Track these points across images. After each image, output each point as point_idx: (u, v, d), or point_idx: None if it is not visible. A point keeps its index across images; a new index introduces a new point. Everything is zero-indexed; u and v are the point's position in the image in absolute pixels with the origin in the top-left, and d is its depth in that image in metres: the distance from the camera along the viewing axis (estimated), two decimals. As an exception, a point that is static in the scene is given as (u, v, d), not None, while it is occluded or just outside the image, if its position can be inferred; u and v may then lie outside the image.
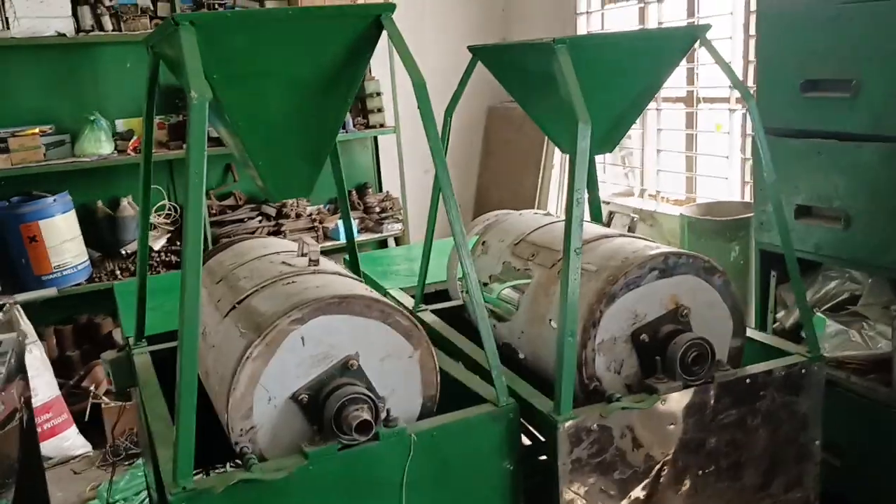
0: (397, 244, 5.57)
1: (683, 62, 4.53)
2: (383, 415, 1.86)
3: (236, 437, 1.80)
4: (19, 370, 2.97)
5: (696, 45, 2.29)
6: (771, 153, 2.32)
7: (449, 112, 2.67)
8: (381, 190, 5.70)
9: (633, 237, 2.36)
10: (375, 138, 5.65)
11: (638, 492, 2.04)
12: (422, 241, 2.91)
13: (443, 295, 3.06)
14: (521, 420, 2.04)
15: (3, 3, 4.13)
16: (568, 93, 1.96)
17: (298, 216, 5.18)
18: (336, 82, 2.02)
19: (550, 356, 2.09)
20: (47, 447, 4.18)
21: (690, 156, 4.71)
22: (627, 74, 2.24)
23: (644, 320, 2.10)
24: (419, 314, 2.85)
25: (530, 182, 5.57)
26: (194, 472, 1.69)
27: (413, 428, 1.88)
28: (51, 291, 3.60)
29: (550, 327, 2.17)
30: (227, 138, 2.16)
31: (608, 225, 2.61)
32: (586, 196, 2.10)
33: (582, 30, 5.33)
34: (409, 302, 2.97)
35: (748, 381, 2.10)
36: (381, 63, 5.40)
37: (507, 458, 1.97)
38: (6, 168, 4.33)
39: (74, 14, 4.41)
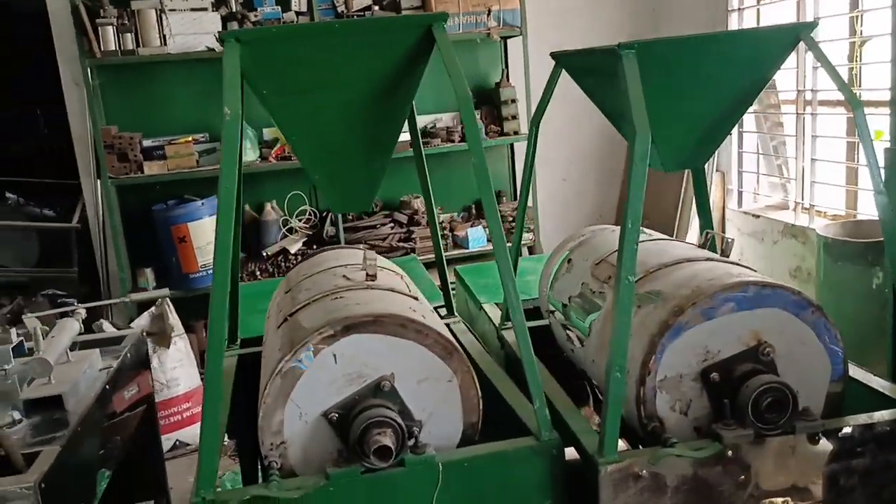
0: (530, 254, 5.45)
1: (843, 61, 4.05)
2: (412, 441, 1.79)
3: (266, 451, 1.81)
4: (139, 364, 3.20)
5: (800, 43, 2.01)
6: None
7: (535, 122, 2.54)
8: (515, 198, 5.60)
9: (722, 262, 2.11)
10: (511, 146, 5.56)
11: (694, 551, 1.81)
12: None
13: (537, 312, 2.92)
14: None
15: (160, 22, 4.53)
16: (629, 100, 1.78)
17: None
18: (389, 94, 1.98)
19: (617, 389, 1.91)
20: (186, 434, 4.50)
21: (853, 167, 4.18)
22: (713, 81, 2.00)
23: (717, 357, 1.86)
24: (504, 331, 2.74)
25: (673, 192, 5.22)
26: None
27: (442, 457, 1.79)
28: (163, 292, 3.89)
29: (617, 357, 1.99)
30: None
31: (703, 247, 2.34)
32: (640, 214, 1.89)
33: (734, 26, 4.91)
34: (499, 318, 2.87)
35: (840, 434, 1.80)
36: (517, 67, 5.31)
37: (547, 497, 1.83)
38: (163, 173, 4.74)
39: (224, 29, 4.74)
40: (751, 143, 5.06)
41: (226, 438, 4.68)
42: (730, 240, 2.20)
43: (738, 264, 2.11)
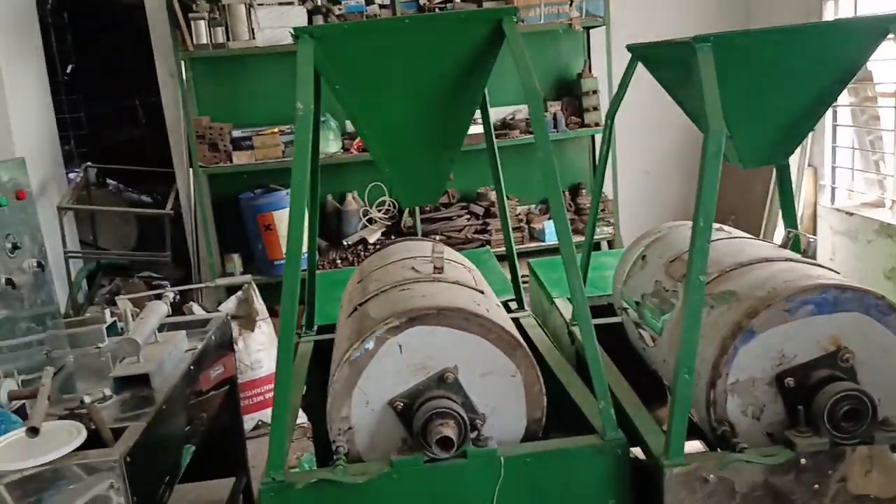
0: (610, 248, 5.36)
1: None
2: (475, 433, 1.80)
3: (334, 435, 1.86)
4: (223, 346, 3.34)
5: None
6: None
7: (610, 115, 2.50)
8: (596, 191, 5.53)
9: (802, 263, 2.03)
10: (592, 137, 5.48)
11: (763, 560, 1.75)
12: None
13: (610, 309, 2.88)
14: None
15: (249, 16, 4.67)
16: (702, 95, 1.73)
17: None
18: (459, 88, 1.99)
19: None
20: (268, 415, 4.63)
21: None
22: (795, 75, 1.92)
23: (792, 362, 1.80)
24: (574, 328, 2.71)
25: (762, 188, 5.02)
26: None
27: (505, 451, 1.80)
28: (246, 278, 4.02)
29: (688, 357, 1.94)
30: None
31: (785, 247, 2.26)
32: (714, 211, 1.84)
33: (829, 15, 4.67)
34: (570, 313, 2.85)
35: (924, 448, 1.71)
36: (599, 57, 5.22)
37: (612, 496, 1.81)
38: (250, 163, 4.91)
39: (310, 22, 4.85)
40: (845, 137, 4.82)
41: (305, 419, 4.85)
42: (812, 240, 2.11)
43: (819, 265, 2.02)
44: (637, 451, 1.89)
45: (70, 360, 2.77)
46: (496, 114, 5.04)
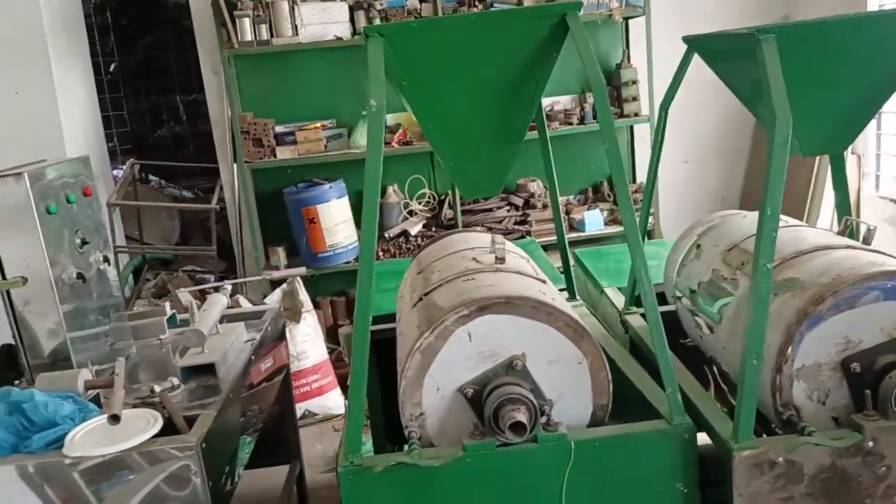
0: (649, 237, 5.37)
1: None
2: (544, 419, 1.85)
3: (406, 421, 1.92)
4: (277, 337, 3.42)
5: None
6: None
7: (664, 107, 2.53)
8: (634, 181, 5.53)
9: (863, 250, 2.05)
10: (631, 127, 5.48)
11: (832, 542, 1.79)
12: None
13: (660, 298, 2.91)
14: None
15: (292, 13, 4.75)
16: (768, 87, 1.76)
17: (545, 207, 5.24)
18: (522, 83, 2.03)
19: (749, 376, 1.91)
20: (314, 405, 4.75)
21: None
22: (857, 64, 1.93)
23: (858, 347, 1.82)
24: (627, 316, 2.75)
25: (804, 176, 5.00)
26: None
27: (574, 435, 1.85)
28: (300, 270, 4.10)
29: (750, 345, 1.97)
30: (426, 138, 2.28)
31: (842, 234, 2.28)
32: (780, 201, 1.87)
33: (874, 6, 4.63)
34: (622, 302, 2.88)
35: None
36: (639, 48, 5.22)
37: (680, 480, 1.86)
38: (293, 158, 4.99)
39: (351, 19, 4.92)
40: (890, 124, 4.78)
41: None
42: (872, 227, 2.13)
43: (880, 252, 2.04)
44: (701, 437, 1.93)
45: (133, 352, 2.87)
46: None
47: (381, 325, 2.88)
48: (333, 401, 4.88)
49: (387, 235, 5.22)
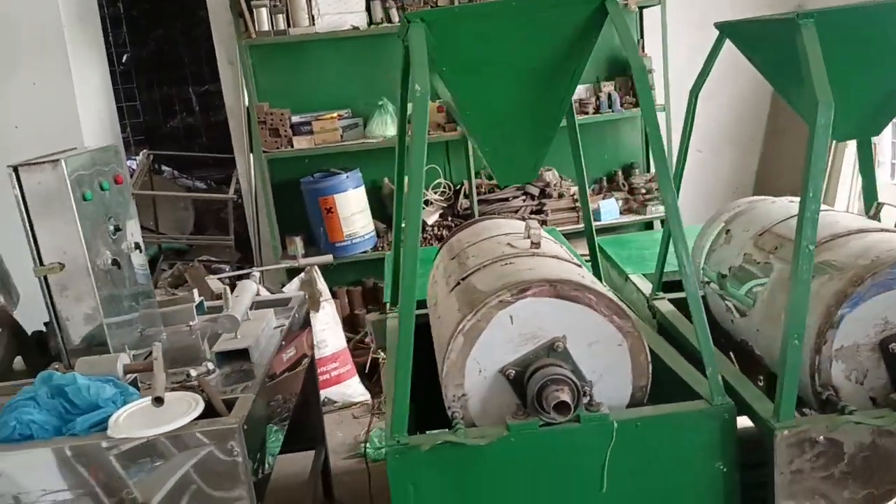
0: (662, 226, 5.40)
1: None
2: (586, 399, 1.88)
3: (449, 402, 1.95)
4: (304, 324, 3.45)
5: None
6: None
7: (694, 93, 2.55)
8: (648, 170, 5.55)
9: (898, 233, 2.08)
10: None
11: (871, 518, 1.82)
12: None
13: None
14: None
15: (309, 3, 4.76)
16: (809, 71, 1.78)
17: (561, 196, 5.26)
18: (560, 69, 2.06)
19: (784, 357, 1.94)
20: (333, 392, 4.79)
21: None
22: (894, 49, 1.95)
23: (896, 328, 1.85)
24: (655, 302, 2.78)
25: (819, 163, 5.02)
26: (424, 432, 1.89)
27: (616, 415, 1.88)
28: (327, 258, 4.12)
29: (785, 327, 2.00)
30: (462, 125, 2.30)
31: (874, 218, 2.31)
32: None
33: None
34: (648, 288, 2.91)
35: None
36: (653, 38, 5.23)
37: (720, 459, 1.89)
38: (310, 148, 5.01)
39: (367, 9, 4.93)
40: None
41: (368, 397, 4.97)
42: (905, 210, 2.15)
43: (915, 236, 2.06)
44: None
45: (163, 338, 2.90)
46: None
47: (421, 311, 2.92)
48: (352, 388, 4.92)
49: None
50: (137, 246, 2.88)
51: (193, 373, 2.50)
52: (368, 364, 5.00)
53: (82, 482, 2.14)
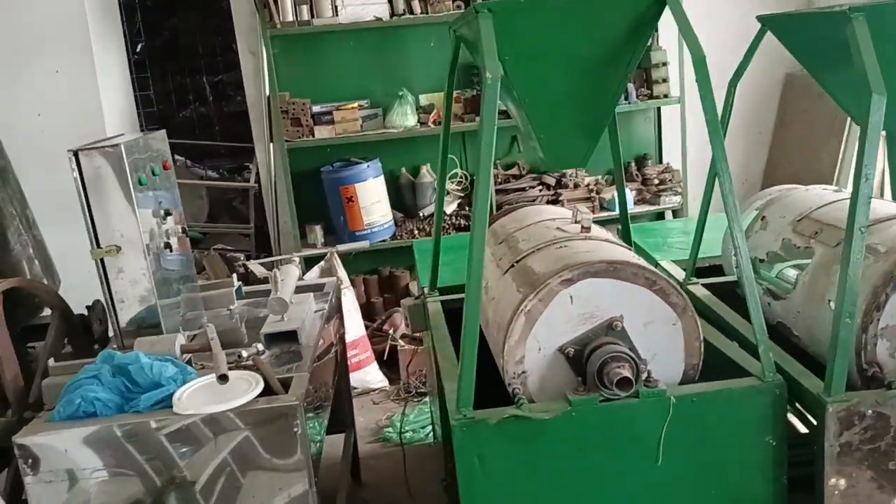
0: (675, 217, 5.49)
1: None
2: (644, 375, 1.97)
3: (510, 379, 2.04)
4: (337, 310, 3.53)
5: None
6: None
7: (733, 84, 2.63)
8: (661, 161, 5.64)
9: (937, 218, 2.17)
10: (658, 109, 5.59)
11: (916, 488, 1.92)
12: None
13: (717, 270, 3.03)
14: (796, 406, 2.03)
15: (333, -6, 4.83)
16: (862, 63, 1.87)
17: (576, 186, 5.35)
18: (616, 58, 2.13)
19: (827, 338, 2.02)
20: (352, 379, 4.85)
21: None
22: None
23: (940, 308, 1.95)
24: (689, 287, 2.87)
25: (829, 157, 5.12)
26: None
27: (673, 391, 1.97)
28: (363, 244, 4.19)
29: (829, 308, 2.10)
30: (514, 112, 2.38)
31: (908, 205, 2.40)
32: (877, 172, 1.98)
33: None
34: (679, 274, 3.00)
35: None
36: (669, 31, 5.31)
37: (770, 434, 1.98)
38: (331, 137, 5.07)
39: (389, 0, 4.99)
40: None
41: (386, 383, 5.04)
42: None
43: (951, 221, 2.16)
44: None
45: (204, 321, 2.96)
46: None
47: (449, 296, 3.01)
48: (371, 375, 5.00)
49: (421, 214, 5.32)
50: (184, 230, 2.95)
51: (245, 353, 2.57)
52: (387, 351, 5.08)
53: (133, 461, 2.18)
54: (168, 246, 2.72)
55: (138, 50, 6.91)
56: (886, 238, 2.04)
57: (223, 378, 2.24)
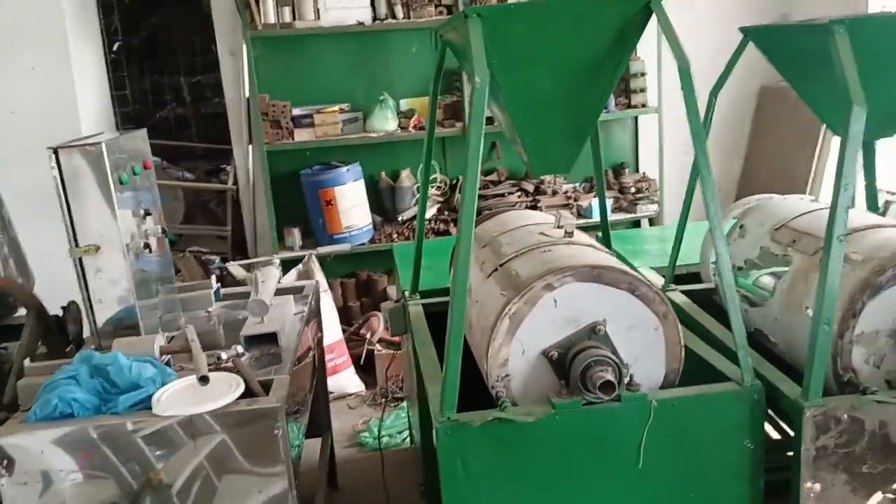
0: (651, 225, 5.55)
1: None
2: (626, 379, 1.99)
3: (493, 382, 2.04)
4: (316, 313, 3.51)
5: None
6: None
7: (714, 93, 2.67)
8: (637, 170, 5.71)
9: (910, 228, 2.22)
10: (636, 118, 5.65)
11: (888, 490, 1.96)
12: (676, 224, 2.95)
13: (695, 277, 3.07)
14: (770, 412, 2.06)
15: (315, -3, 4.82)
16: (843, 75, 1.91)
17: (555, 193, 5.39)
18: (602, 66, 2.16)
19: (804, 344, 2.06)
20: (328, 383, 4.84)
21: None
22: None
23: (913, 316, 2.00)
24: (668, 294, 2.90)
25: (803, 168, 5.22)
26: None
27: (655, 395, 1.99)
28: (344, 247, 4.19)
29: (807, 315, 2.14)
30: (500, 117, 2.40)
31: (883, 215, 2.46)
32: (856, 182, 2.03)
33: (875, 7, 4.85)
34: (658, 281, 3.04)
35: None
36: (648, 42, 5.38)
37: (748, 438, 2.01)
38: (311, 140, 5.05)
39: (372, 4, 5.00)
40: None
41: (363, 388, 5.02)
42: (912, 208, 2.30)
43: (925, 231, 2.21)
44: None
45: (182, 323, 2.94)
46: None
47: (430, 300, 3.01)
48: (347, 379, 4.98)
49: (401, 218, 5.32)
50: (164, 231, 2.92)
51: (224, 355, 2.55)
52: (363, 356, 5.06)
53: (110, 463, 2.16)
54: (147, 246, 2.69)
55: (115, 49, 6.84)
56: (862, 247, 2.09)
57: (204, 379, 2.22)
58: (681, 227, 2.90)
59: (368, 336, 5.07)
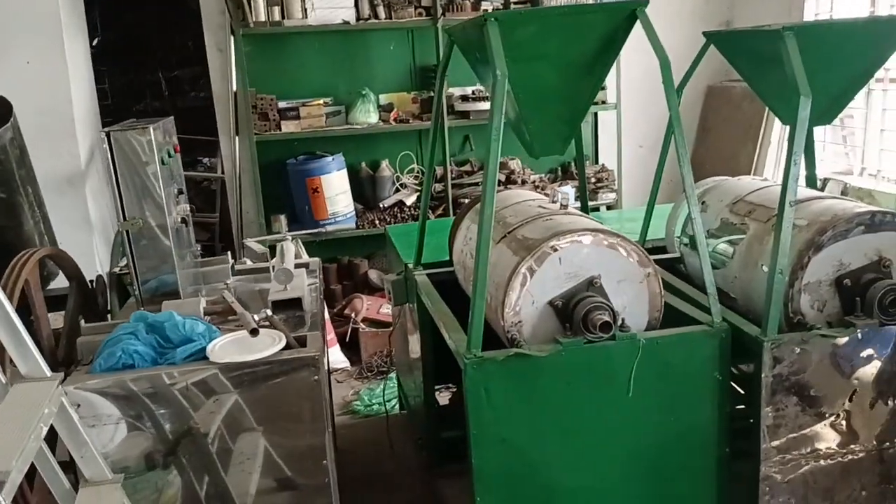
0: (608, 209, 6.03)
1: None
2: (619, 322, 2.40)
3: (508, 326, 2.43)
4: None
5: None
6: None
7: (679, 89, 3.10)
8: (597, 162, 6.17)
9: (844, 199, 2.70)
10: (596, 114, 6.12)
11: (830, 410, 2.42)
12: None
13: (661, 250, 3.51)
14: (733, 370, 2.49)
15: (303, -4, 5.14)
16: (793, 72, 2.36)
17: (524, 182, 5.82)
18: (594, 63, 2.57)
19: (760, 297, 2.51)
20: (318, 359, 5.16)
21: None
22: (849, 57, 2.57)
23: (848, 268, 2.46)
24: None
25: (746, 158, 5.76)
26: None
27: (643, 335, 2.41)
28: (344, 228, 4.49)
29: (762, 271, 2.58)
30: (507, 106, 2.77)
31: (822, 191, 2.93)
32: (803, 161, 2.48)
33: (809, 14, 5.40)
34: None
35: (943, 326, 2.39)
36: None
37: (717, 370, 2.44)
38: (297, 132, 5.36)
39: (356, 5, 5.32)
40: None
41: (347, 364, 5.36)
42: (847, 184, 2.78)
43: (855, 201, 2.69)
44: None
45: (203, 293, 3.24)
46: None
47: (432, 270, 3.38)
48: (334, 356, 5.30)
49: (381, 206, 5.66)
50: (192, 209, 3.21)
51: (256, 317, 2.87)
52: (348, 335, 5.39)
53: (174, 407, 2.45)
54: (185, 221, 2.99)
55: (94, 43, 6.96)
56: (807, 214, 2.54)
57: (255, 332, 2.54)
58: (650, 204, 3.33)
59: (353, 316, 5.41)
